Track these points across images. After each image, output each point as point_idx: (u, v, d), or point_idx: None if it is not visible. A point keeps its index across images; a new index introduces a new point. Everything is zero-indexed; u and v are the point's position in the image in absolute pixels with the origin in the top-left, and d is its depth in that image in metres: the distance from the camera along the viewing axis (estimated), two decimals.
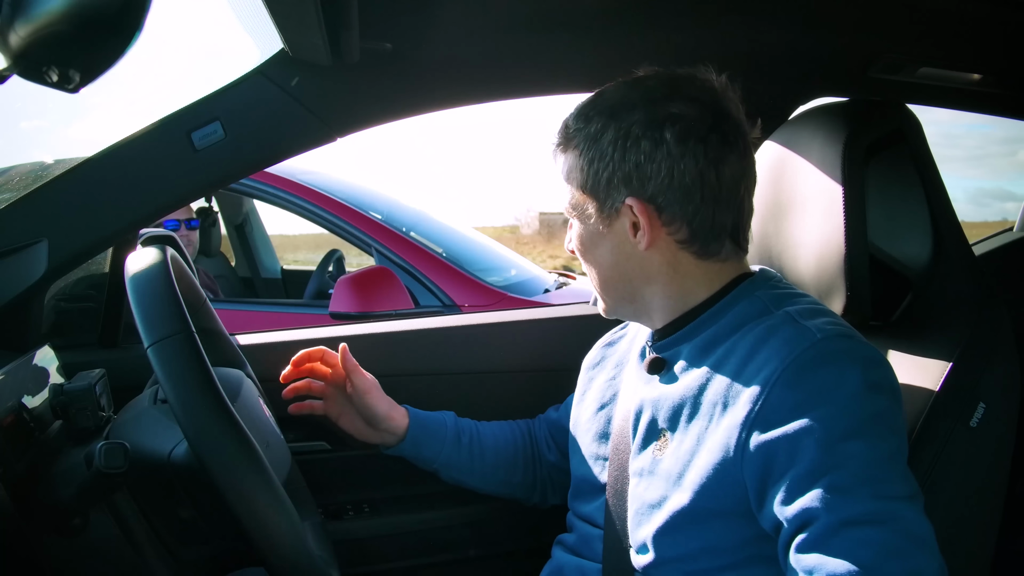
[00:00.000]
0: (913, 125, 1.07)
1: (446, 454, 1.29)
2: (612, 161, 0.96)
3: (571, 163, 1.00)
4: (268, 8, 0.93)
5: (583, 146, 0.98)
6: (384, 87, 1.24)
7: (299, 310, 3.12)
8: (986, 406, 0.98)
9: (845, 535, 0.78)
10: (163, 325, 0.82)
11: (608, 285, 1.03)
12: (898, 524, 0.78)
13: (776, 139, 1.15)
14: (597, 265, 1.02)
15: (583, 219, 1.01)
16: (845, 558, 0.77)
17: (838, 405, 0.83)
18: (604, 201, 0.98)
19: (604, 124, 0.97)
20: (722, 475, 0.88)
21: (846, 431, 0.82)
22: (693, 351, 0.97)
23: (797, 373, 0.85)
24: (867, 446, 0.81)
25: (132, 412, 1.02)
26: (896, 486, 0.81)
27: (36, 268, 1.12)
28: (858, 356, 0.86)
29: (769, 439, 0.84)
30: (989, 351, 1.00)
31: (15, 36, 0.81)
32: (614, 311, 1.07)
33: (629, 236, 0.97)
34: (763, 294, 0.97)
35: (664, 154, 0.93)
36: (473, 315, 1.67)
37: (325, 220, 3.07)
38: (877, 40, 1.26)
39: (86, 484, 0.92)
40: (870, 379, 0.85)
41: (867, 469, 0.80)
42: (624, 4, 1.18)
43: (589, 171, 0.98)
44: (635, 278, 1.00)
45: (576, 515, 1.13)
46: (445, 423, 1.31)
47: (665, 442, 0.95)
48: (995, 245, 1.78)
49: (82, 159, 1.16)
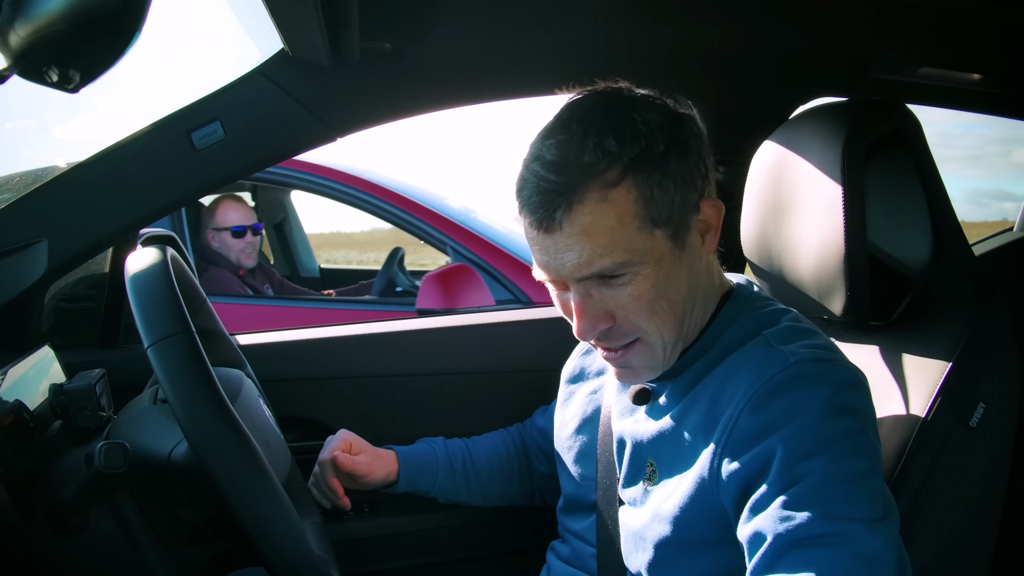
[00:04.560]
0: (913, 125, 1.07)
1: (441, 484, 1.29)
2: (677, 173, 0.85)
3: (623, 202, 0.83)
4: (268, 8, 0.93)
5: (637, 171, 0.83)
6: (384, 87, 1.24)
7: (377, 307, 3.20)
8: (986, 406, 0.98)
9: (793, 556, 0.75)
10: (163, 325, 0.82)
11: (677, 324, 0.90)
12: (851, 546, 0.75)
13: (776, 139, 1.14)
14: (672, 307, 0.88)
15: (655, 262, 0.85)
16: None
17: (801, 425, 0.80)
18: (680, 223, 0.86)
19: (643, 136, 0.84)
20: (703, 505, 0.87)
21: (806, 450, 0.79)
22: (677, 385, 0.95)
23: (765, 397, 0.83)
24: (826, 466, 0.78)
25: (132, 412, 1.02)
26: (854, 507, 0.77)
27: (36, 268, 1.12)
28: (828, 379, 0.84)
29: (739, 465, 0.82)
30: (989, 351, 1.00)
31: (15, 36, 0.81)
32: (658, 364, 0.93)
33: (699, 247, 0.90)
34: (744, 319, 0.94)
35: (698, 147, 0.89)
36: (473, 315, 1.67)
37: (398, 218, 3.15)
38: (877, 40, 1.26)
39: (86, 484, 0.92)
40: (838, 401, 0.82)
41: (822, 489, 0.77)
42: (625, 3, 1.18)
43: (662, 196, 0.84)
44: (699, 299, 0.92)
45: (567, 530, 1.13)
46: (435, 455, 1.30)
47: (653, 473, 0.95)
48: (995, 245, 1.78)
49: (76, 162, 1.16)
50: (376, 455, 1.27)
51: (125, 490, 1.02)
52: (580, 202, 0.82)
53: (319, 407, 1.44)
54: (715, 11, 1.20)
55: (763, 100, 1.42)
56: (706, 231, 0.91)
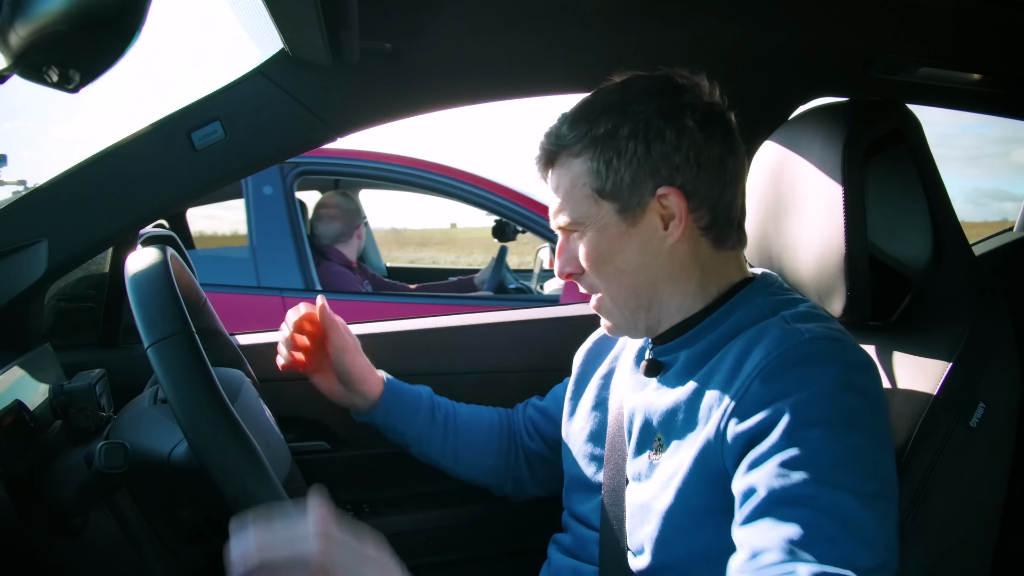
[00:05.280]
0: (913, 125, 1.07)
1: (418, 427, 1.26)
2: (636, 156, 0.94)
3: (578, 170, 0.96)
4: (268, 8, 0.93)
5: (595, 148, 0.95)
6: (384, 87, 1.24)
7: (499, 303, 3.23)
8: (986, 406, 0.98)
9: (779, 512, 0.79)
10: (163, 325, 0.82)
11: (629, 294, 0.99)
12: (837, 512, 0.78)
13: (776, 139, 1.14)
14: (618, 274, 0.98)
15: (599, 227, 0.96)
16: (772, 533, 0.78)
17: (809, 395, 0.83)
18: (629, 199, 0.95)
19: (617, 121, 0.95)
20: (708, 471, 0.88)
21: (810, 419, 0.82)
22: (691, 357, 0.97)
23: (778, 368, 0.86)
24: (826, 436, 0.81)
25: (132, 412, 1.02)
26: (847, 477, 0.80)
27: (36, 268, 1.12)
28: (841, 358, 0.86)
29: (744, 427, 0.85)
30: (989, 351, 1.00)
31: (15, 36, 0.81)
32: (625, 326, 1.02)
33: (658, 231, 0.96)
34: (762, 301, 0.97)
35: (690, 142, 0.94)
36: (473, 315, 1.67)
37: (510, 210, 3.28)
38: (877, 40, 1.26)
39: (86, 484, 0.92)
40: (849, 379, 0.85)
41: (819, 456, 0.80)
42: (624, 3, 1.18)
43: (608, 172, 0.94)
44: (660, 278, 0.98)
45: (571, 515, 1.13)
46: (420, 396, 1.28)
47: (661, 446, 0.96)
48: (995, 245, 1.78)
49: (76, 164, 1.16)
50: (363, 359, 1.24)
51: (125, 490, 1.02)
52: (553, 166, 1.00)
53: (319, 407, 1.44)
54: (715, 11, 1.21)
55: (763, 100, 1.42)
56: (669, 219, 0.96)
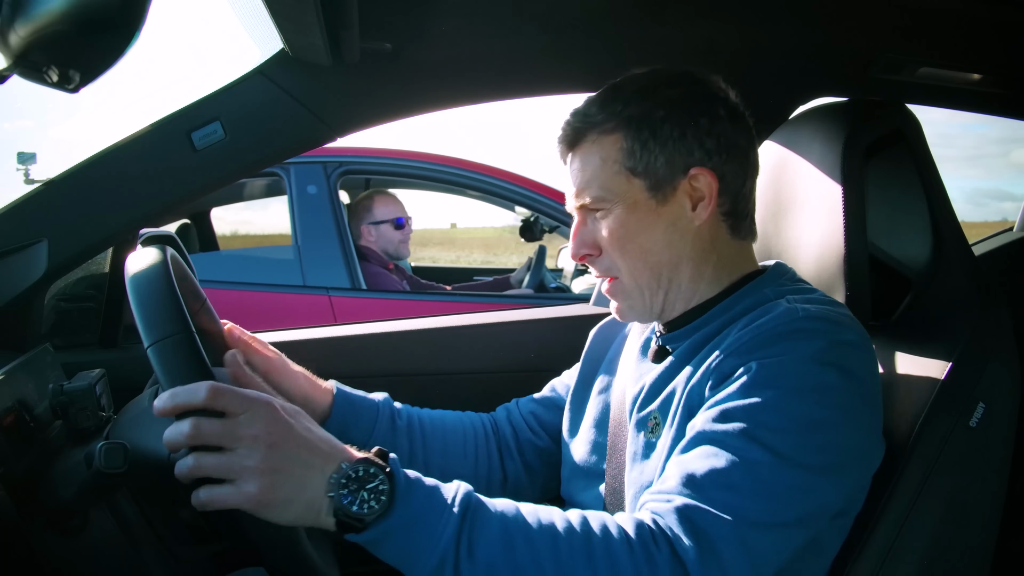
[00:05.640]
0: (913, 125, 1.07)
1: (378, 437, 1.15)
2: (671, 137, 0.96)
3: (610, 147, 0.97)
4: (268, 8, 0.93)
5: (629, 127, 0.96)
6: (384, 87, 1.24)
7: (541, 302, 3.12)
8: (986, 406, 0.97)
9: (701, 451, 0.81)
10: (163, 325, 0.81)
11: (652, 274, 0.99)
12: (751, 468, 0.79)
13: (776, 139, 1.14)
14: (642, 253, 0.98)
15: (628, 205, 0.97)
16: (684, 466, 0.81)
17: (780, 363, 0.84)
18: (661, 178, 0.96)
19: (650, 104, 0.96)
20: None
21: (769, 381, 0.83)
22: (694, 342, 0.98)
23: (762, 340, 0.87)
24: (778, 398, 0.82)
25: (132, 412, 1.02)
26: (781, 441, 0.80)
27: (36, 268, 1.12)
28: (828, 335, 0.87)
29: (716, 389, 0.87)
30: (989, 351, 1.00)
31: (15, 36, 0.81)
32: (640, 308, 1.02)
33: (686, 211, 0.97)
34: (771, 290, 0.98)
35: (721, 129, 0.98)
36: (473, 315, 1.67)
37: (561, 213, 3.26)
38: (877, 40, 1.26)
39: (86, 484, 0.92)
40: (828, 356, 0.85)
41: (761, 413, 0.82)
42: (624, 4, 1.18)
43: (642, 151, 0.96)
44: (682, 258, 0.99)
45: (572, 504, 1.12)
46: (377, 404, 1.18)
47: (657, 425, 0.96)
48: (995, 245, 1.78)
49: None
50: (299, 374, 1.12)
51: (125, 490, 1.02)
52: (582, 141, 1.00)
53: None
54: (715, 12, 1.20)
55: (763, 100, 1.42)
56: (699, 200, 0.97)
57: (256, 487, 0.72)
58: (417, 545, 0.74)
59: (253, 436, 0.73)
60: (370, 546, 0.75)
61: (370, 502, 0.73)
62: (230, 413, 0.74)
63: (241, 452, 0.73)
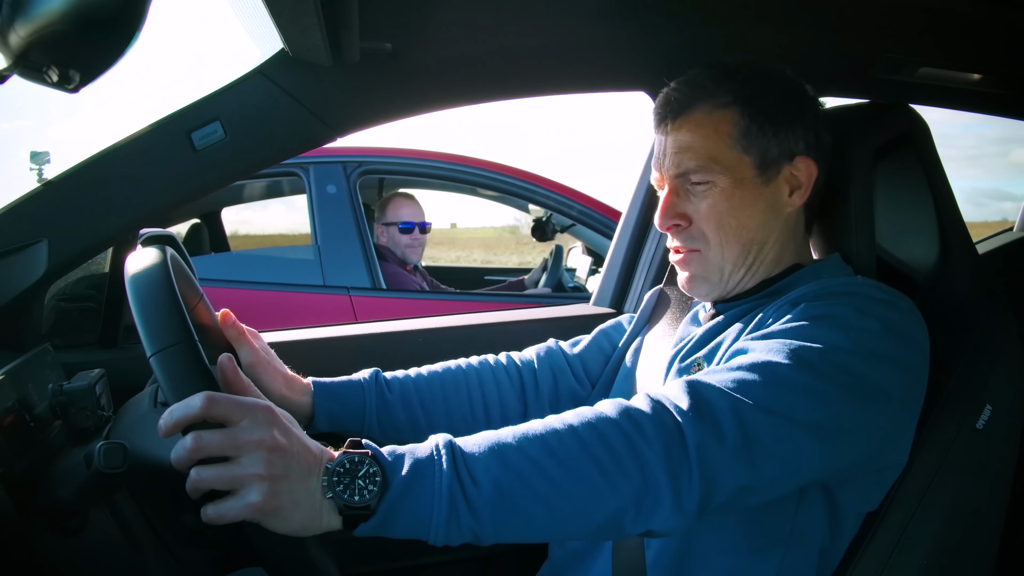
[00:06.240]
0: (921, 128, 1.07)
1: (372, 416, 1.11)
2: (784, 122, 0.99)
3: (724, 122, 0.98)
4: (268, 8, 0.93)
5: (745, 104, 0.98)
6: (384, 87, 1.24)
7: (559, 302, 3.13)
8: (993, 408, 0.97)
9: (725, 365, 0.84)
10: (166, 334, 0.81)
11: (742, 250, 1.00)
12: (769, 368, 0.80)
13: None
14: (738, 229, 0.99)
15: (736, 179, 0.98)
16: (677, 384, 0.81)
17: (824, 306, 0.87)
18: (769, 161, 0.98)
19: (765, 88, 0.99)
20: None
21: (811, 316, 0.86)
22: (746, 308, 1.01)
23: (816, 295, 0.90)
24: (811, 330, 0.84)
25: (133, 414, 1.02)
26: (807, 352, 0.82)
27: (36, 268, 1.12)
28: (875, 295, 0.90)
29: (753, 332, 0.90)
30: (996, 353, 1.00)
31: (15, 36, 0.81)
32: (717, 281, 1.02)
33: (784, 195, 1.00)
34: (827, 278, 0.99)
35: (820, 127, 1.02)
36: (473, 315, 1.67)
37: (578, 212, 3.32)
38: (877, 40, 1.26)
39: (86, 484, 0.92)
40: (873, 309, 0.87)
41: (792, 337, 0.84)
42: (624, 4, 1.18)
43: (756, 129, 0.98)
44: (770, 240, 1.01)
45: None
46: (361, 385, 1.13)
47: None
48: (996, 245, 1.79)
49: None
50: (280, 372, 1.09)
51: (125, 491, 1.02)
52: (692, 111, 0.99)
53: None
54: (715, 12, 1.20)
55: None
56: (796, 187, 1.00)
57: (259, 495, 0.70)
58: (423, 501, 0.73)
59: (255, 443, 0.71)
60: (381, 528, 0.73)
61: (368, 487, 0.72)
62: (229, 422, 0.72)
63: (244, 461, 0.71)
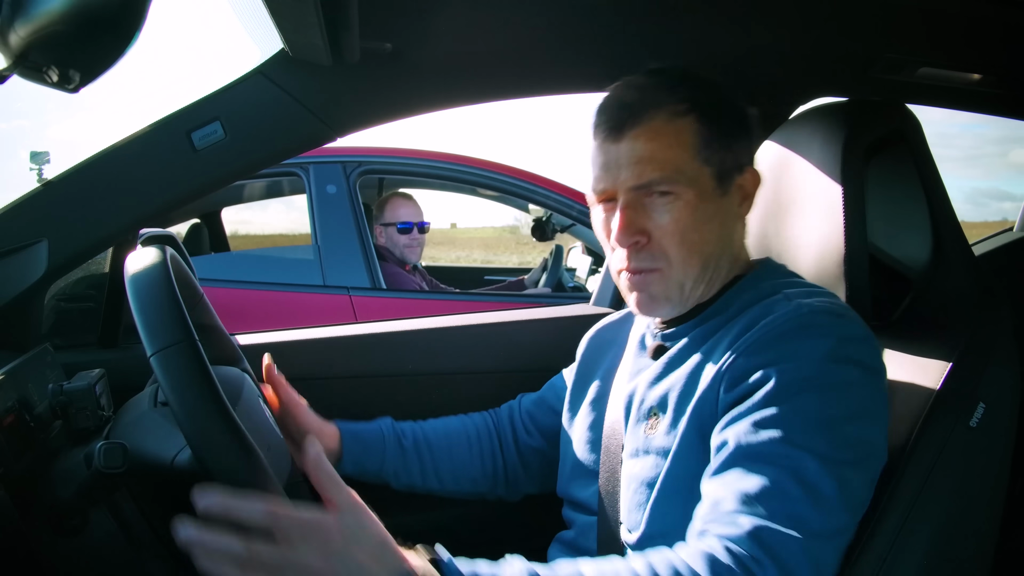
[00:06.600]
0: (913, 125, 1.07)
1: (391, 462, 1.21)
2: (733, 133, 0.97)
3: (684, 131, 0.93)
4: (268, 8, 0.93)
5: (702, 111, 0.94)
6: (384, 87, 1.24)
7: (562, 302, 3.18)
8: (986, 406, 0.97)
9: (743, 466, 0.81)
10: (166, 333, 0.81)
11: (703, 265, 0.96)
12: (798, 473, 0.79)
13: (776, 139, 1.14)
14: (700, 244, 0.95)
15: (699, 191, 0.93)
16: (733, 485, 0.79)
17: (797, 365, 0.85)
18: (727, 171, 0.96)
19: (715, 95, 0.97)
20: (700, 439, 0.89)
21: (794, 385, 0.84)
22: (695, 336, 0.99)
23: (773, 339, 0.87)
24: (807, 402, 0.83)
25: (133, 415, 1.02)
26: (817, 442, 0.81)
27: (36, 268, 1.12)
28: (837, 330, 0.88)
29: (731, 393, 0.87)
30: (989, 351, 1.00)
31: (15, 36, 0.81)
32: (676, 299, 0.98)
33: (736, 206, 0.99)
34: (767, 285, 0.99)
35: (751, 137, 1.00)
36: (473, 315, 1.67)
37: (578, 212, 3.29)
38: (877, 40, 1.26)
39: (86, 484, 0.92)
40: (842, 351, 0.86)
41: (793, 418, 0.82)
42: (624, 5, 1.18)
43: (714, 138, 0.94)
44: (724, 251, 0.99)
45: (571, 503, 1.13)
46: (382, 431, 1.23)
47: (656, 420, 0.96)
48: (995, 245, 1.78)
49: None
50: (314, 417, 1.18)
51: (125, 491, 1.02)
52: (650, 118, 0.93)
53: (319, 407, 1.44)
54: (715, 12, 1.20)
55: (763, 100, 1.42)
56: (745, 196, 1.00)
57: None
58: None
59: (304, 566, 0.68)
60: None
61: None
62: (286, 541, 0.69)
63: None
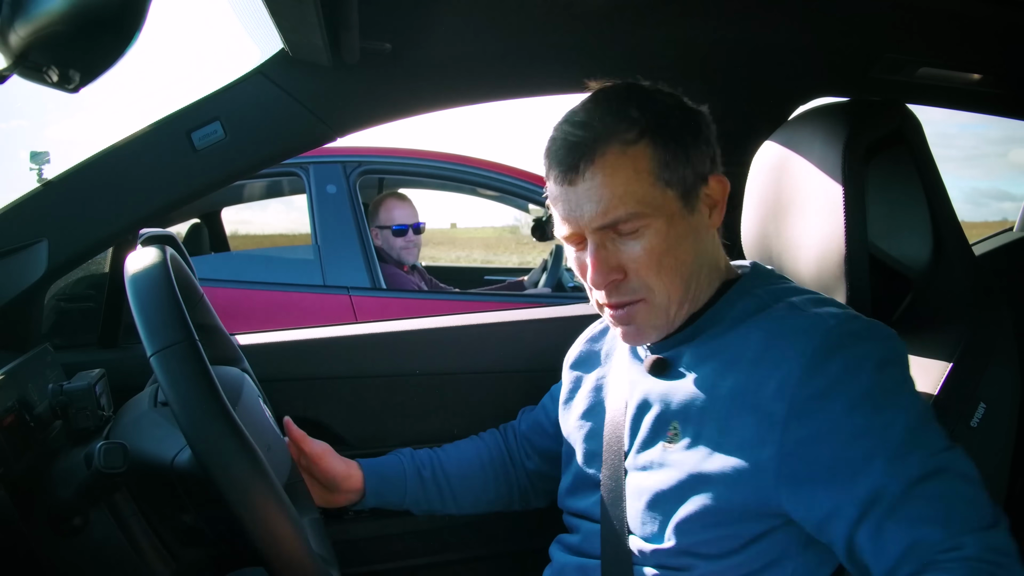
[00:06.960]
0: (913, 125, 1.07)
1: (411, 495, 1.25)
2: (691, 145, 0.95)
3: (641, 158, 0.91)
4: (268, 8, 0.93)
5: (653, 135, 0.92)
6: (384, 87, 1.24)
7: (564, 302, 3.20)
8: (987, 406, 0.98)
9: (915, 494, 0.80)
10: (166, 333, 0.81)
11: (685, 287, 0.96)
12: (955, 471, 0.82)
13: (776, 139, 1.14)
14: (678, 266, 0.94)
15: (667, 217, 0.92)
16: (923, 517, 0.79)
17: (864, 385, 0.85)
18: (690, 188, 0.94)
19: (664, 112, 0.94)
20: (753, 473, 0.87)
21: (878, 406, 0.84)
22: (698, 351, 0.97)
23: (818, 362, 0.86)
24: (901, 414, 0.84)
25: (132, 415, 1.02)
26: (938, 440, 0.84)
27: (36, 268, 1.12)
28: (870, 335, 0.89)
29: (808, 433, 0.85)
30: (989, 351, 1.00)
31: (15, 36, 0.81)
32: (663, 325, 0.98)
33: (706, 218, 0.97)
34: (761, 291, 0.98)
35: (714, 135, 0.99)
36: (473, 315, 1.67)
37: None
38: (877, 40, 1.26)
39: (86, 484, 0.92)
40: (886, 355, 0.87)
41: (910, 434, 0.83)
42: (624, 4, 1.18)
43: (671, 160, 0.92)
44: (703, 266, 0.98)
45: (571, 513, 1.13)
46: (402, 464, 1.26)
47: (676, 435, 0.95)
48: (995, 245, 1.78)
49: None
50: (339, 458, 1.23)
51: (125, 491, 1.02)
52: (602, 155, 0.91)
53: (319, 407, 1.44)
54: (715, 12, 1.21)
55: (763, 100, 1.42)
56: (713, 205, 0.98)
57: None
58: None
59: None
60: None
61: None
62: None
63: None
